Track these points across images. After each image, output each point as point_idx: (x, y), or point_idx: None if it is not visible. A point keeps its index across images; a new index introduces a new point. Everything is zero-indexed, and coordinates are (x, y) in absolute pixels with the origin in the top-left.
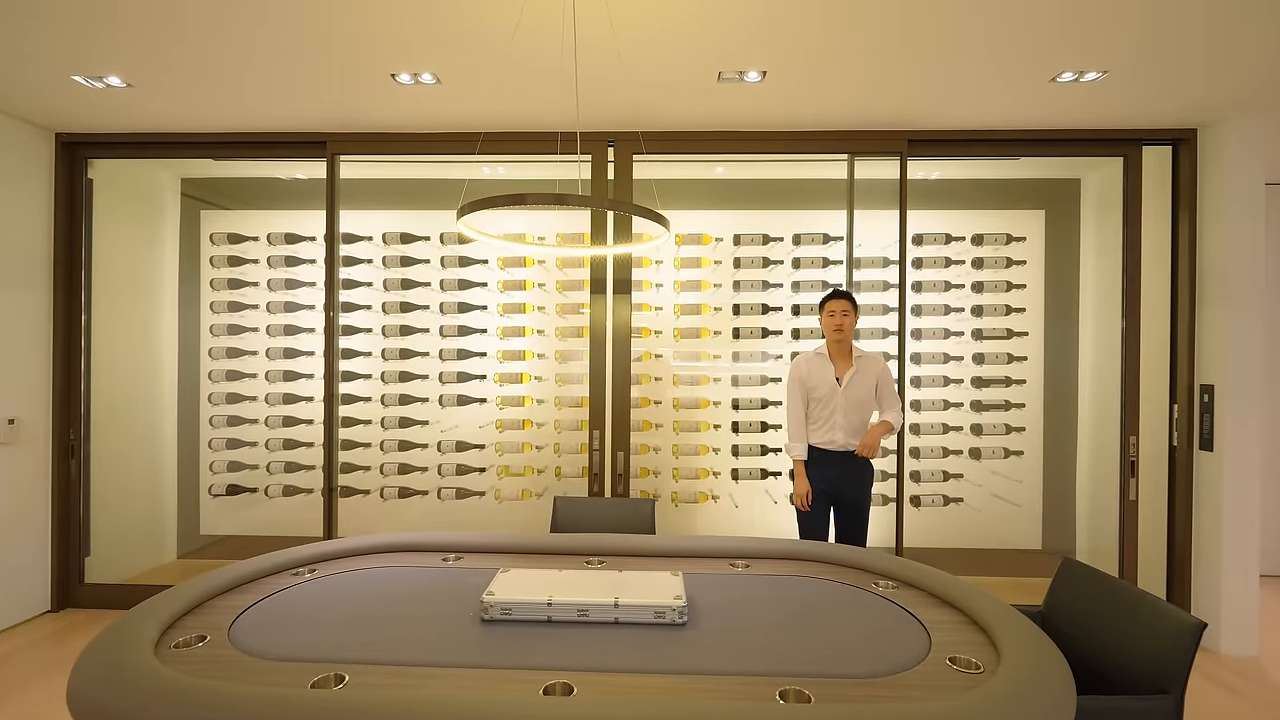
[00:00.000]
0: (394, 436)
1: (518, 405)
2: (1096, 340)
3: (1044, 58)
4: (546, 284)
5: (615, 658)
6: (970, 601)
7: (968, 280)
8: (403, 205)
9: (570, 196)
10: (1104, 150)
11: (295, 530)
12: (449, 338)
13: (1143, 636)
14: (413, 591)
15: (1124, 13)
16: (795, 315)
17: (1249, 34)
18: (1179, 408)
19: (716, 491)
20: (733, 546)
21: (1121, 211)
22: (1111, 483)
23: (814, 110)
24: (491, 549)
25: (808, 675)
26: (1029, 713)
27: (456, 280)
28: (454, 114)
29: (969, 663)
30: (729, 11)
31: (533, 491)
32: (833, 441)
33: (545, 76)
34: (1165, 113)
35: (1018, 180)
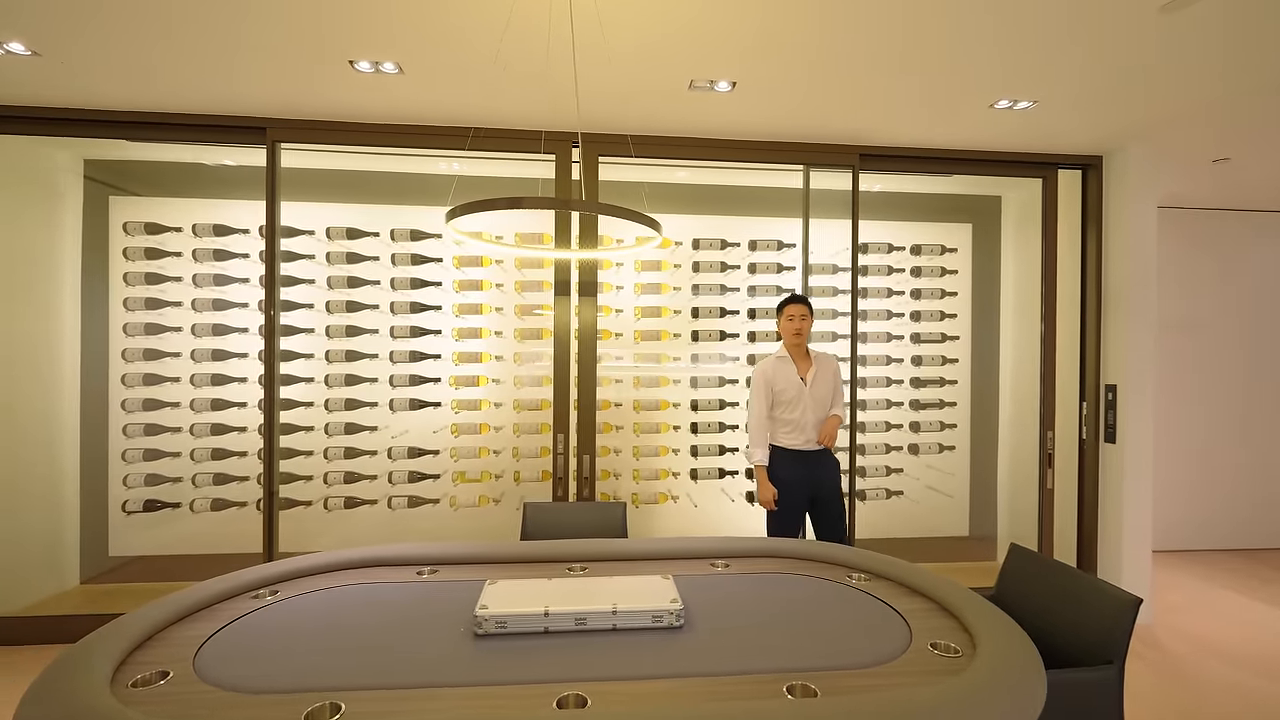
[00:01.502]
0: (339, 443)
1: (474, 409)
2: (1016, 344)
3: (986, 87)
4: (505, 284)
5: (621, 665)
6: (938, 589)
7: (907, 287)
8: (348, 198)
9: (570, 201)
10: (1028, 171)
11: (226, 546)
12: (400, 339)
13: (1087, 613)
14: (393, 609)
15: (1054, 52)
16: (751, 319)
17: (1149, 75)
18: (1087, 405)
19: (676, 492)
20: (710, 547)
21: (1040, 227)
22: (1028, 473)
23: (776, 122)
24: (467, 560)
25: (808, 670)
26: (1011, 691)
27: (409, 279)
28: (414, 106)
29: (949, 647)
30: (707, 23)
31: (490, 497)
32: (807, 441)
33: (512, 73)
34: (1079, 140)
35: (949, 195)
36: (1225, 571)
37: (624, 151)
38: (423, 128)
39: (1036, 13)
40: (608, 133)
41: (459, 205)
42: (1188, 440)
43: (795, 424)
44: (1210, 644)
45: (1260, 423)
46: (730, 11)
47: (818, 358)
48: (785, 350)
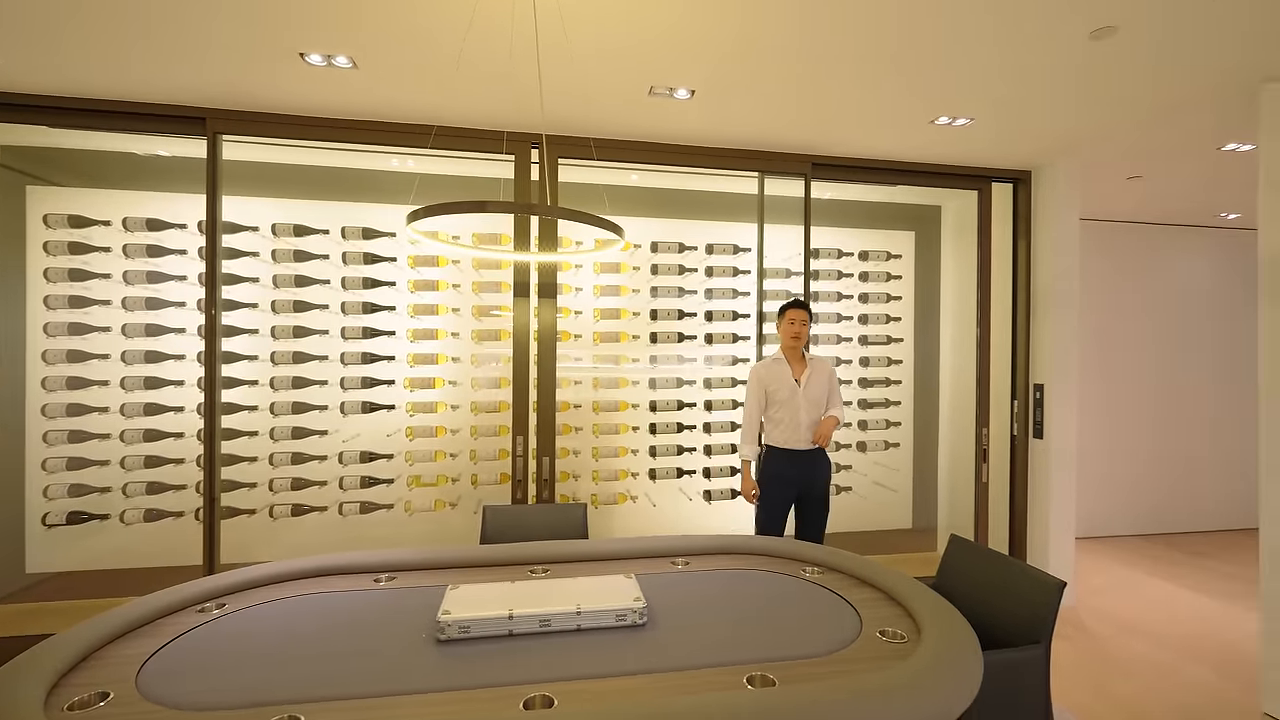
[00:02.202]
0: (286, 448)
1: (430, 412)
2: (955, 345)
3: (928, 103)
4: (462, 285)
5: (586, 664)
6: (885, 580)
7: (855, 291)
8: (296, 194)
9: (534, 206)
10: (965, 183)
11: (162, 559)
12: (352, 340)
13: (1017, 597)
14: (351, 617)
15: (990, 73)
16: (709, 321)
17: (1075, 97)
18: (1018, 403)
19: (635, 492)
20: (670, 545)
21: (976, 236)
22: (966, 467)
23: (733, 130)
24: (426, 565)
25: (767, 660)
26: (953, 673)
27: (361, 278)
28: (369, 102)
29: (895, 634)
30: (668, 32)
31: (447, 501)
32: (798, 440)
33: (473, 72)
34: (1010, 155)
35: (894, 204)
36: (1142, 555)
37: (585, 154)
38: (377, 124)
39: (975, 36)
40: (568, 135)
41: (421, 208)
42: (1108, 435)
43: (787, 424)
44: (1129, 624)
45: (1172, 419)
46: (691, 21)
47: (813, 361)
48: (782, 352)
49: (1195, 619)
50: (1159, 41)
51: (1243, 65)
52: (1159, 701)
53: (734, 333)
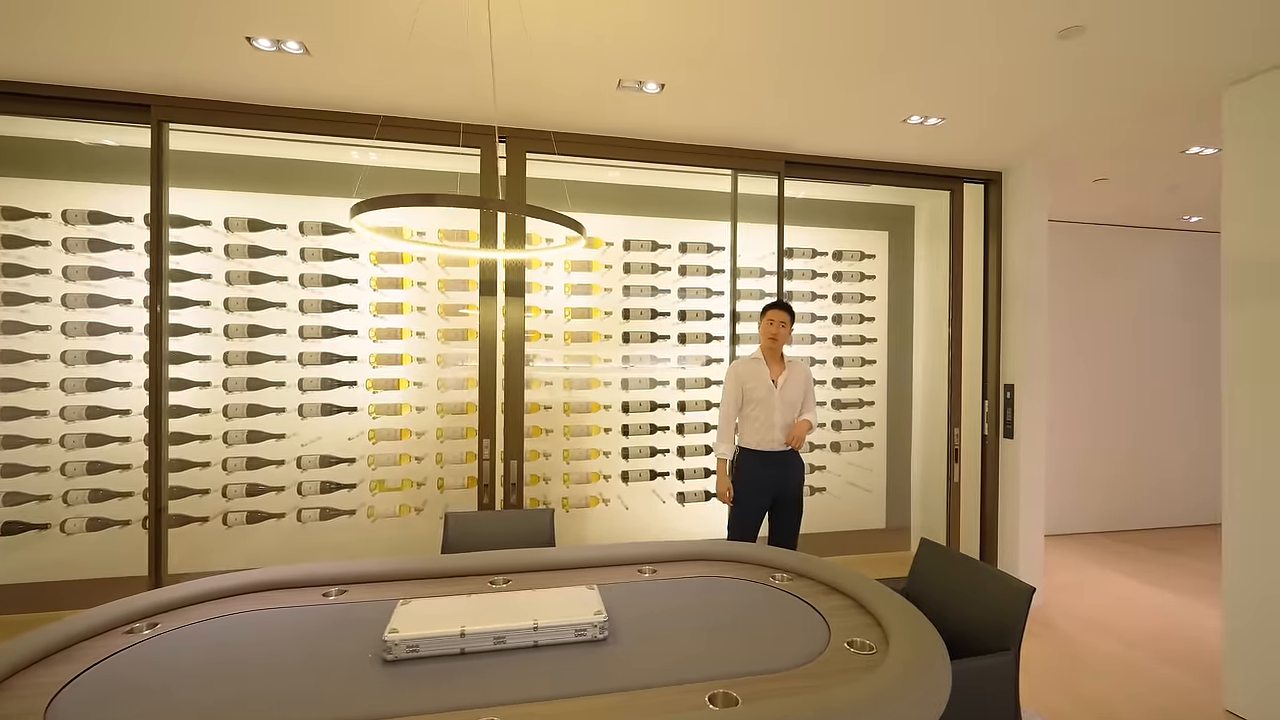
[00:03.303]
0: (240, 453)
1: (394, 414)
2: (927, 345)
3: (899, 101)
4: (427, 283)
5: (542, 685)
6: (855, 587)
7: (830, 291)
8: (250, 187)
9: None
10: (937, 184)
11: (106, 569)
12: (311, 340)
13: (987, 602)
14: (294, 636)
15: (962, 71)
16: (682, 320)
17: (1044, 96)
18: (989, 403)
19: (606, 495)
20: (638, 553)
21: (948, 236)
22: (938, 467)
23: (705, 126)
24: (379, 577)
25: (731, 676)
26: (921, 685)
27: (320, 276)
28: (324, 90)
29: (864, 644)
30: (636, 23)
31: (412, 506)
32: (773, 441)
33: (435, 61)
34: (981, 156)
35: (867, 204)
36: (1109, 552)
37: (551, 149)
38: (334, 114)
39: (947, 34)
40: (535, 128)
41: (364, 200)
42: (1076, 433)
43: (761, 424)
44: (1096, 621)
45: (1139, 417)
46: (661, 14)
47: (790, 363)
48: (760, 352)
49: (1161, 615)
50: (1126, 42)
51: (1207, 68)
52: (1126, 700)
53: (708, 332)
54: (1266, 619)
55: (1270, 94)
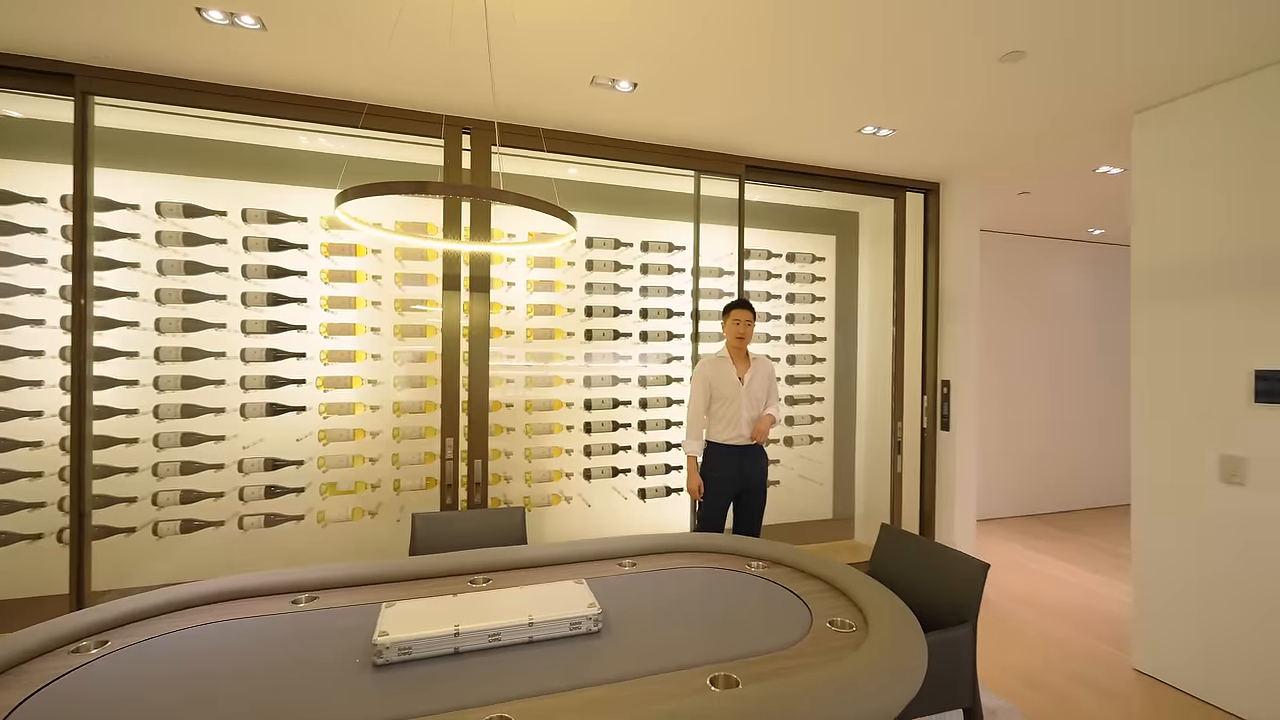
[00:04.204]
0: (174, 457)
1: (347, 413)
2: (871, 344)
3: (855, 111)
4: (383, 277)
5: (541, 679)
6: (828, 571)
7: (783, 292)
8: (185, 170)
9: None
10: (884, 192)
11: (16, 590)
12: (255, 335)
13: (945, 579)
14: (269, 647)
15: (912, 89)
16: (644, 318)
17: (982, 115)
18: (927, 398)
19: (569, 493)
20: (615, 547)
21: (891, 241)
22: (881, 458)
23: (672, 127)
24: (352, 582)
25: (726, 660)
26: (905, 658)
27: (265, 267)
28: (277, 70)
29: (844, 624)
30: (613, 20)
31: (366, 510)
32: (740, 436)
33: (399, 47)
34: (924, 167)
35: (817, 209)
36: (1028, 534)
37: (520, 143)
38: (286, 95)
39: (903, 52)
40: (503, 122)
41: (353, 188)
42: (1001, 426)
43: (730, 420)
44: (1021, 596)
45: (1055, 410)
46: (636, 13)
47: (755, 359)
48: (726, 351)
49: (1076, 589)
50: (1056, 69)
51: (1121, 96)
52: (1047, 666)
53: (669, 330)
54: (1170, 587)
55: (1172, 122)
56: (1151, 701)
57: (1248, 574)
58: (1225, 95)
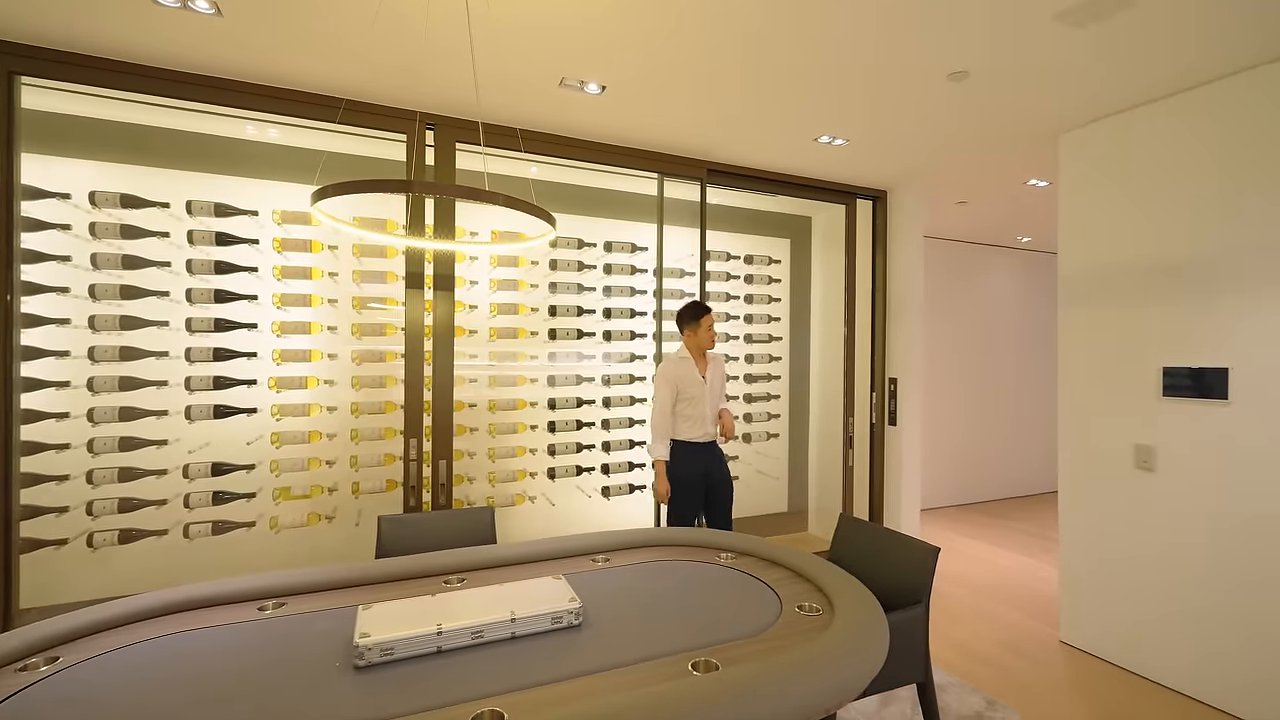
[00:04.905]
0: (110, 463)
1: (301, 414)
2: (823, 343)
3: (813, 121)
4: (340, 274)
5: (526, 673)
6: (793, 559)
7: (741, 293)
8: (123, 158)
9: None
10: (837, 198)
11: None
12: (201, 334)
13: (899, 563)
14: (240, 656)
15: (864, 101)
16: (607, 318)
17: (929, 128)
18: (876, 395)
19: (532, 492)
20: (587, 543)
21: (842, 245)
22: (833, 453)
23: (637, 130)
24: (319, 586)
25: (704, 646)
26: (870, 637)
27: (212, 262)
28: (229, 57)
29: (812, 608)
30: (580, 20)
31: (322, 514)
32: (706, 434)
33: (363, 37)
34: (873, 176)
35: (772, 213)
36: (963, 522)
37: (491, 142)
38: (239, 84)
39: (859, 67)
40: (468, 118)
41: (331, 185)
42: (940, 421)
43: (696, 418)
44: (956, 577)
45: (988, 406)
46: (608, 16)
47: (712, 357)
48: (686, 351)
49: (1007, 570)
50: (996, 89)
51: (1050, 116)
52: (982, 640)
53: (632, 330)
54: (1090, 565)
55: (1095, 141)
56: (1075, 669)
57: (1157, 552)
58: (1140, 119)
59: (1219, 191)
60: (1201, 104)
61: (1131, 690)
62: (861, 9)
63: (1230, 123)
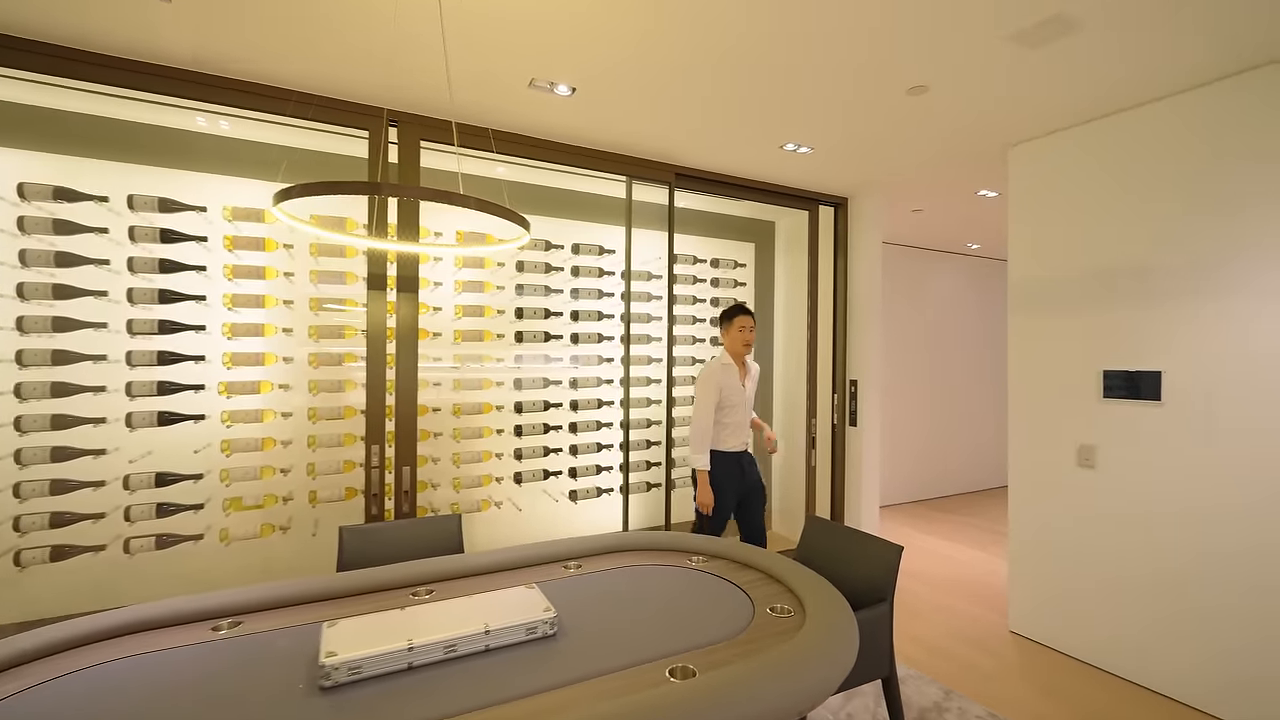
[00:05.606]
0: (40, 474)
1: (254, 421)
2: (786, 346)
3: (779, 128)
4: (296, 274)
5: (503, 687)
6: (763, 561)
7: (708, 296)
8: (56, 148)
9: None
10: (801, 204)
11: None
12: (143, 336)
13: (864, 562)
14: (195, 680)
15: (829, 112)
16: (575, 321)
17: (889, 139)
18: (838, 396)
19: (498, 498)
20: (557, 550)
21: (805, 250)
22: (796, 453)
23: (607, 133)
24: (277, 603)
25: (680, 652)
26: (842, 637)
27: (157, 260)
28: (176, 44)
29: (784, 609)
30: (552, 20)
31: (276, 525)
32: (744, 443)
33: (326, 28)
34: (836, 183)
35: (737, 217)
36: (917, 518)
37: (447, 139)
38: (185, 73)
39: (824, 77)
40: (434, 116)
41: (295, 186)
42: (894, 421)
43: (736, 426)
44: (912, 572)
45: (940, 406)
46: (578, 16)
47: (749, 364)
48: (729, 358)
49: (960, 564)
50: (951, 103)
51: (999, 130)
52: (937, 631)
53: (599, 333)
54: (1036, 558)
55: (1041, 154)
56: (1024, 657)
57: (1097, 545)
58: (1082, 136)
59: (1153, 206)
60: (1137, 124)
61: (1074, 675)
62: (831, 24)
63: (1161, 142)
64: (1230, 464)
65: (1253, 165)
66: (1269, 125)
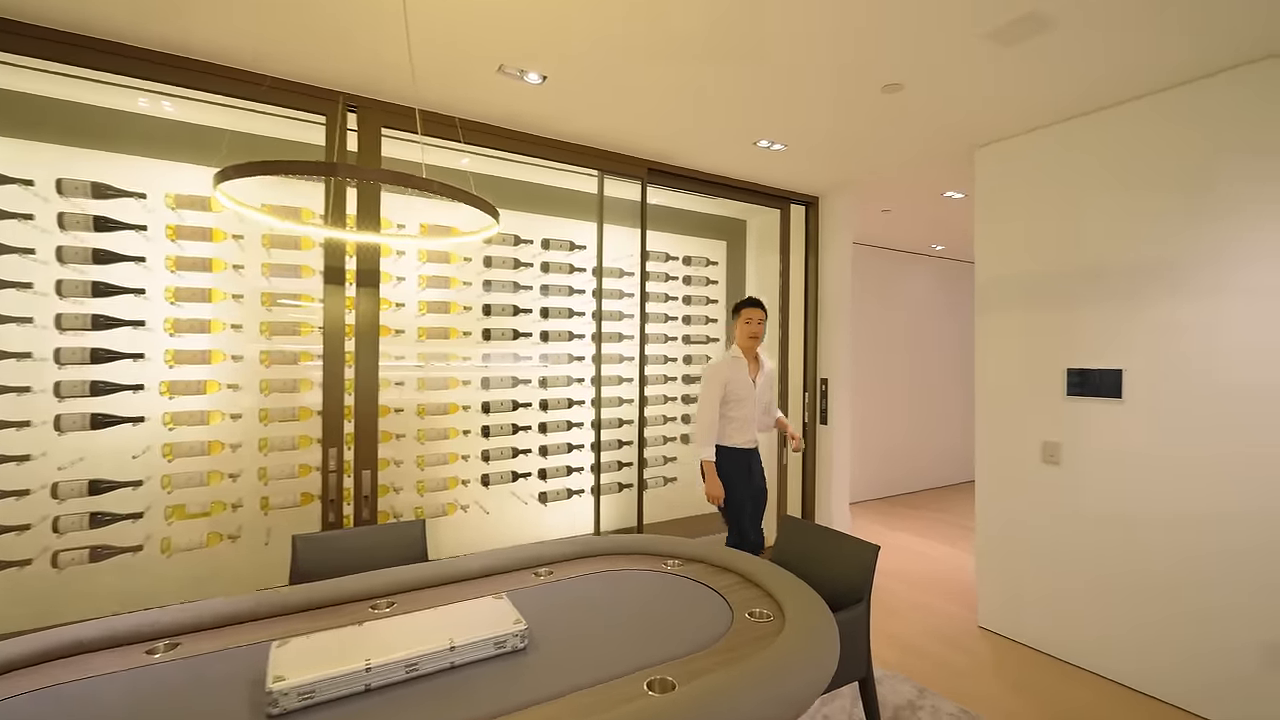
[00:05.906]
0: None
1: (199, 423)
2: None
3: (753, 124)
4: (246, 267)
5: (470, 706)
6: (741, 564)
7: (680, 294)
8: None
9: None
10: (772, 202)
11: None
12: (74, 332)
13: (841, 562)
14: (128, 708)
15: (803, 110)
16: (544, 318)
17: (864, 138)
18: (809, 395)
19: (465, 501)
20: (527, 556)
21: (776, 248)
22: (766, 452)
23: (578, 125)
24: (220, 621)
25: (658, 662)
26: (822, 641)
27: (89, 250)
28: (115, 19)
29: (762, 614)
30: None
31: (225, 534)
32: (752, 439)
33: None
34: (807, 182)
35: (709, 215)
36: (888, 515)
37: (410, 126)
38: (127, 48)
39: (799, 73)
40: (395, 102)
41: (238, 164)
42: (864, 419)
43: (743, 421)
44: (884, 569)
45: (909, 404)
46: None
47: (761, 360)
48: (738, 351)
49: (931, 560)
50: (924, 104)
51: (966, 132)
52: (908, 627)
53: (570, 330)
54: (1003, 554)
55: (1007, 155)
56: (993, 652)
57: (1061, 541)
58: (1046, 137)
59: (1113, 207)
60: (1100, 127)
61: (1042, 670)
62: (806, 17)
63: (1125, 145)
64: (1192, 460)
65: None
66: (1266, 119)
